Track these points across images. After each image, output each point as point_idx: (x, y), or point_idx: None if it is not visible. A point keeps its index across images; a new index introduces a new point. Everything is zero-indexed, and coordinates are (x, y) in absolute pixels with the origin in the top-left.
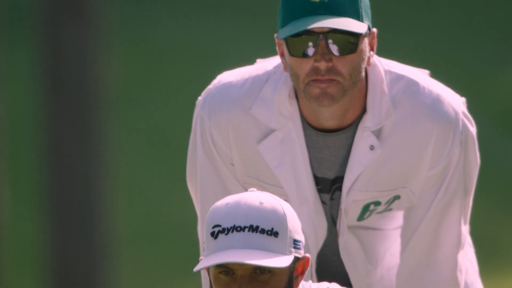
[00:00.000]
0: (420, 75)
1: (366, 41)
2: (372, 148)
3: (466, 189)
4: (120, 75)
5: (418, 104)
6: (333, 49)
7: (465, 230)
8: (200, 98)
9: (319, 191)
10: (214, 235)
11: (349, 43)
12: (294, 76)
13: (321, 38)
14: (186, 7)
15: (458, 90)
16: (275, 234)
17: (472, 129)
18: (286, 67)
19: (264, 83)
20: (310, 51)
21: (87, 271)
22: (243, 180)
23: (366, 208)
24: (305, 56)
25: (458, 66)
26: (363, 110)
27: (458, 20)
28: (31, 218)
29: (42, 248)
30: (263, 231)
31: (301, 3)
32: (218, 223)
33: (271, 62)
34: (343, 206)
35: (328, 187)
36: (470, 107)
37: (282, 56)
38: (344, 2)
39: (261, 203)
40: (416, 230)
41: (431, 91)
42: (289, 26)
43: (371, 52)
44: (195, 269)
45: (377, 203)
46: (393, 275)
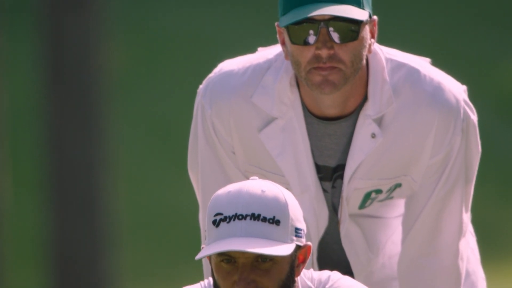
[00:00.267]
0: (421, 63)
1: (367, 28)
2: (373, 136)
3: (467, 177)
4: (122, 65)
5: (419, 92)
6: (334, 36)
7: (466, 218)
8: (201, 86)
9: (320, 179)
10: (216, 224)
11: (350, 30)
12: (296, 64)
13: (322, 25)
14: None
15: (459, 78)
16: (277, 222)
17: (473, 117)
18: (287, 55)
19: (265, 71)
20: (311, 39)
21: (88, 260)
22: (244, 169)
23: (367, 196)
24: (306, 44)
25: (459, 54)
26: (364, 98)
27: (458, 8)
28: (32, 207)
29: (43, 237)
30: (264, 219)
31: None
32: (219, 211)
33: (272, 51)
34: (344, 194)
35: (330, 175)
36: (471, 95)
37: (283, 44)
38: None
39: (262, 191)
40: (417, 218)
41: (432, 79)
42: (290, 14)
43: (372, 40)
44: (197, 257)
45: (378, 191)
46: (394, 263)
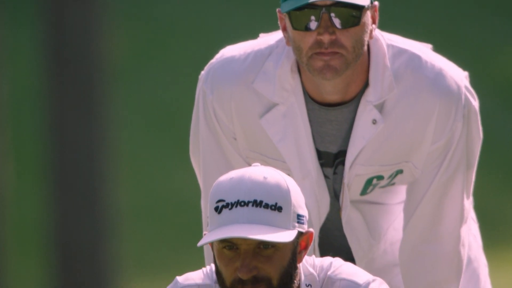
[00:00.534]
0: (423, 49)
1: (369, 14)
2: (374, 122)
3: (468, 163)
4: (123, 51)
5: (421, 78)
6: (336, 22)
7: (467, 204)
8: (203, 72)
9: (321, 165)
10: (218, 210)
11: (351, 16)
12: (297, 50)
13: (323, 11)
14: None
15: (461, 65)
16: (279, 209)
17: (475, 103)
18: (289, 41)
19: (267, 57)
20: (313, 24)
21: (90, 246)
22: (246, 155)
23: (369, 182)
24: (307, 29)
25: (461, 40)
26: (366, 84)
27: None
28: (34, 196)
29: (45, 222)
30: (267, 206)
31: None
32: (222, 198)
33: (274, 37)
34: (346, 181)
35: (331, 161)
36: (473, 81)
37: (284, 30)
38: None
39: (265, 178)
40: (418, 204)
41: (433, 65)
42: (291, 0)
43: (373, 25)
44: (199, 244)
45: (380, 178)
46: (396, 249)
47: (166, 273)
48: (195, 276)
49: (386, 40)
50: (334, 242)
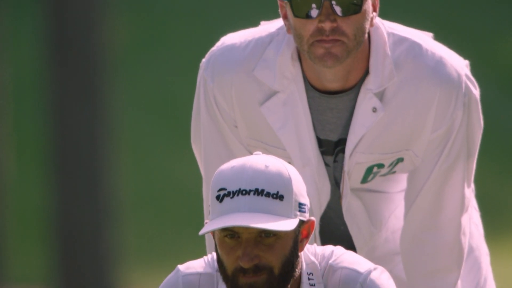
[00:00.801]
0: (424, 38)
1: (369, 1)
2: (374, 110)
3: (469, 152)
4: (125, 38)
5: (421, 67)
6: (337, 9)
7: (468, 193)
8: (203, 60)
9: (322, 153)
10: (220, 199)
11: (352, 4)
12: (298, 37)
13: None
14: None
15: (462, 53)
16: (280, 198)
17: (476, 91)
18: (290, 29)
19: (267, 45)
20: (314, 12)
21: (91, 233)
22: (247, 143)
23: (369, 170)
24: (308, 17)
25: (462, 29)
26: (366, 72)
27: None
28: (36, 182)
29: (46, 210)
30: (268, 195)
31: None
32: (223, 186)
33: (275, 24)
34: (346, 169)
35: (331, 149)
36: (474, 70)
37: (285, 18)
38: None
39: (266, 167)
40: (419, 192)
41: (434, 54)
42: None
43: (374, 13)
44: (200, 232)
45: (380, 166)
46: (397, 238)
47: (168, 261)
48: (197, 264)
49: (387, 28)
50: (335, 230)
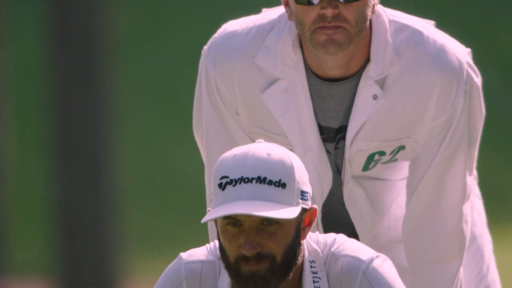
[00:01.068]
0: (425, 25)
1: None
2: (375, 97)
3: (471, 139)
4: (127, 25)
5: (422, 54)
6: None
7: (470, 181)
8: (205, 47)
9: (323, 140)
10: (222, 187)
11: None
12: (300, 24)
13: None
14: None
15: (464, 41)
16: (283, 186)
17: (477, 79)
18: (291, 16)
19: (269, 32)
20: None
21: (93, 221)
22: (248, 130)
23: (371, 158)
24: (310, 4)
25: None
26: (367, 60)
27: None
28: (38, 169)
29: (49, 198)
30: (270, 183)
31: None
32: (225, 174)
33: (276, 11)
34: (347, 156)
35: (332, 136)
36: (476, 58)
37: (286, 5)
38: None
39: (268, 155)
40: (420, 180)
41: (435, 41)
42: None
43: (376, 0)
44: (203, 220)
45: (381, 153)
46: (400, 226)
47: (170, 249)
48: (199, 252)
49: (388, 16)
50: (338, 217)
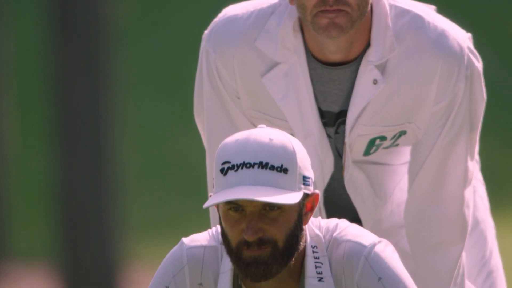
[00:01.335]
0: (426, 10)
1: None
2: (375, 82)
3: (472, 124)
4: (130, 13)
5: (423, 39)
6: None
7: (471, 165)
8: (206, 31)
9: (324, 124)
10: (224, 172)
11: None
12: (301, 8)
13: None
14: None
15: (464, 26)
16: (285, 171)
17: (478, 64)
18: (292, 0)
19: (269, 16)
20: None
21: (96, 206)
22: (249, 114)
23: (372, 143)
24: None
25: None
26: (368, 44)
27: None
28: (40, 154)
29: (51, 183)
30: (272, 168)
31: None
32: (227, 159)
33: None
34: (347, 141)
35: (333, 120)
36: (476, 43)
37: None
38: None
39: (270, 140)
40: (422, 165)
41: (436, 26)
42: None
43: None
44: (205, 205)
45: (383, 138)
46: (403, 210)
47: (172, 234)
48: (201, 237)
49: (389, 0)
50: (340, 202)
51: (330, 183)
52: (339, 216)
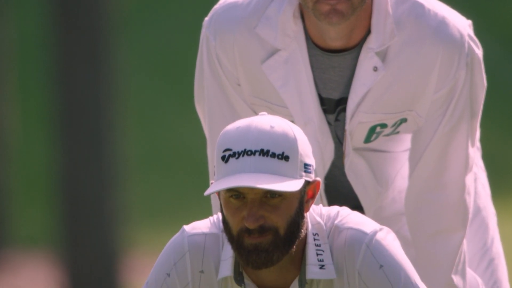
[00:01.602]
0: None
1: None
2: (375, 69)
3: (472, 111)
4: None
5: (423, 27)
6: None
7: (472, 152)
8: (206, 18)
9: (324, 111)
10: (225, 159)
11: None
12: None
13: None
14: None
15: (465, 13)
16: (286, 158)
17: (478, 51)
18: None
19: (270, 2)
20: None
21: (97, 194)
22: (250, 101)
23: (372, 130)
24: None
25: None
26: (368, 31)
27: None
28: (41, 141)
29: (52, 171)
30: (273, 155)
31: None
32: (228, 147)
33: None
34: (347, 128)
35: (333, 107)
36: (477, 30)
37: None
38: None
39: (271, 127)
40: (423, 153)
41: (436, 14)
42: None
43: None
44: (206, 193)
45: (383, 126)
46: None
47: (173, 222)
48: (202, 225)
49: None
50: (341, 189)
51: (331, 170)
52: (341, 203)
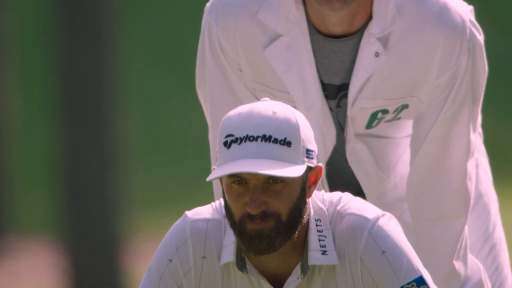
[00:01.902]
0: None
1: None
2: (377, 55)
3: (474, 97)
4: None
5: (425, 12)
6: None
7: (474, 138)
8: (208, 4)
9: (326, 97)
10: (227, 145)
11: None
12: None
13: None
14: None
15: None
16: (288, 144)
17: (480, 37)
18: None
19: None
20: None
21: (98, 180)
22: (252, 87)
23: (374, 116)
24: None
25: None
26: (370, 17)
27: None
28: (43, 127)
29: (54, 157)
30: (276, 141)
31: None
32: (231, 132)
33: None
34: (349, 113)
35: (334, 93)
36: (478, 16)
37: None
38: None
39: (274, 113)
40: (424, 139)
41: (438, 0)
42: None
43: None
44: (208, 178)
45: (385, 111)
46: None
47: (175, 207)
48: (204, 210)
49: None
50: (343, 175)
51: (332, 156)
52: (342, 189)
